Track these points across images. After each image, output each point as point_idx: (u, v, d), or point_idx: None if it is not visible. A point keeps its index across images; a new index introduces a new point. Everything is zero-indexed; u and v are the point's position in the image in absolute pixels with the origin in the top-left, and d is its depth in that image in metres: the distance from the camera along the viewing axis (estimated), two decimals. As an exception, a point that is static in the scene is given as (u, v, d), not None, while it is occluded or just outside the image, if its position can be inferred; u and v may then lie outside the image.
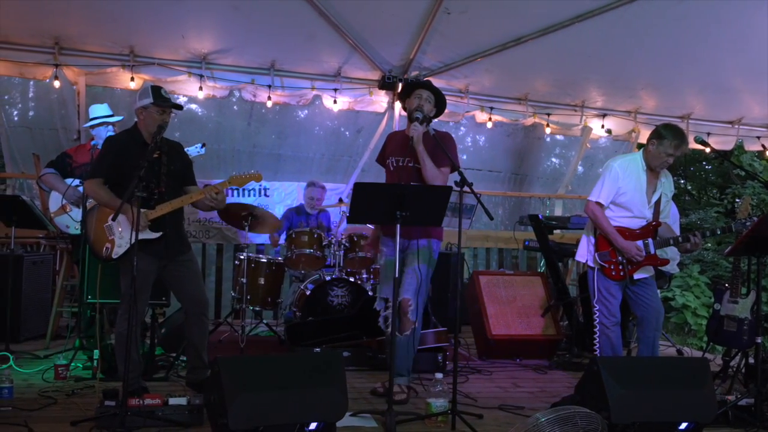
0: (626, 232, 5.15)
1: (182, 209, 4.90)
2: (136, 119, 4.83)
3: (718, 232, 5.34)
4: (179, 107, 4.92)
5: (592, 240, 5.26)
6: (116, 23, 6.99)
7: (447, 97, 8.67)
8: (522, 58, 7.74)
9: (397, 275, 4.49)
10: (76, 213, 5.94)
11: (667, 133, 5.06)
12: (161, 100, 4.70)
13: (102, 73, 7.55)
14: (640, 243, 5.13)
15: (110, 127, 6.23)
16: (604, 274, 5.18)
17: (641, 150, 5.29)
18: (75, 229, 6.00)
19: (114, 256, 4.65)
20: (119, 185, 4.61)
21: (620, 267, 5.14)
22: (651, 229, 5.19)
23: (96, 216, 4.73)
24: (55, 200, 6.12)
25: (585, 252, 5.33)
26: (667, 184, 5.28)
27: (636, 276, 5.17)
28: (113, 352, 5.21)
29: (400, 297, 5.02)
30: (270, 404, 3.60)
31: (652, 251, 5.14)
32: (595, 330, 5.26)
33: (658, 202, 5.22)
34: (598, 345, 5.25)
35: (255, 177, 4.90)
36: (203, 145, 6.14)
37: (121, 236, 4.64)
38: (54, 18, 6.89)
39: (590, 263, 5.27)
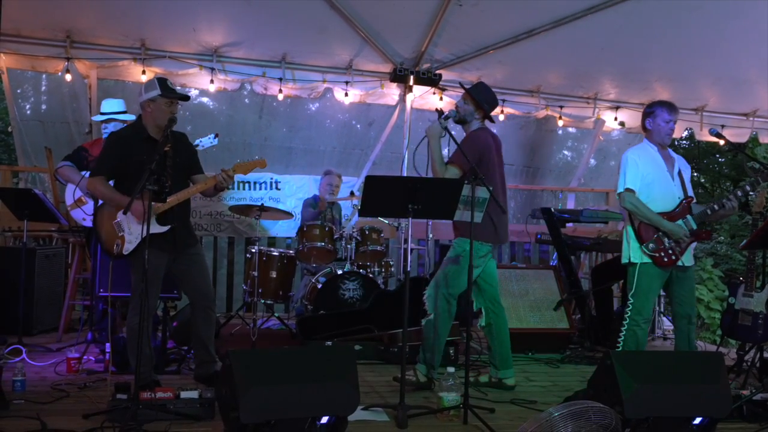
0: (665, 216, 5.12)
1: (189, 202, 4.89)
2: (141, 113, 4.80)
3: (748, 188, 5.32)
4: (186, 98, 4.87)
5: (632, 233, 5.21)
6: (127, 16, 7.00)
7: (459, 90, 8.65)
8: (534, 50, 7.70)
9: (404, 268, 4.58)
10: (91, 206, 5.95)
11: (654, 107, 5.27)
12: (168, 91, 4.65)
13: (113, 67, 7.56)
14: (681, 223, 5.11)
15: (118, 123, 6.20)
16: (655, 264, 5.12)
17: (644, 139, 5.37)
18: (89, 221, 6.02)
19: (124, 253, 4.65)
20: (124, 181, 4.63)
21: (670, 251, 5.10)
22: (686, 207, 5.17)
23: (105, 213, 4.73)
24: (69, 193, 6.17)
25: (629, 251, 5.22)
26: (677, 161, 5.31)
27: (685, 263, 5.15)
28: (125, 345, 5.24)
29: None
30: (281, 398, 3.59)
31: (694, 227, 5.13)
32: (624, 323, 5.22)
33: (681, 176, 5.23)
34: (622, 339, 5.22)
35: (259, 163, 4.88)
36: (216, 136, 6.13)
37: (130, 232, 4.64)
38: (65, 11, 6.91)
39: (632, 260, 5.19)
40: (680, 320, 5.28)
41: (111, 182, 4.73)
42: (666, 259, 5.10)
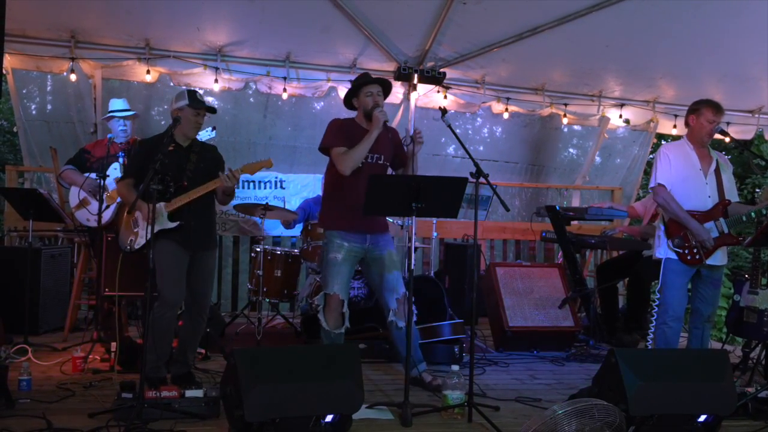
0: (696, 215, 5.13)
1: (212, 206, 4.99)
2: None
3: None
4: (213, 110, 5.03)
5: (662, 228, 5.23)
6: (132, 16, 7.01)
7: (463, 88, 8.70)
8: (539, 48, 7.68)
9: (408, 267, 4.56)
10: (95, 207, 5.97)
11: (701, 104, 5.23)
12: (196, 102, 4.82)
13: (118, 66, 7.57)
14: (711, 224, 5.11)
15: (121, 121, 6.24)
16: (680, 260, 5.14)
17: (684, 136, 5.40)
18: (94, 221, 6.04)
19: (136, 247, 4.85)
20: None
21: (695, 250, 5.11)
22: (721, 209, 5.16)
23: (124, 209, 4.96)
24: (74, 195, 6.21)
25: (659, 246, 5.26)
26: (719, 159, 5.30)
27: (710, 261, 5.14)
28: (131, 344, 5.28)
29: (397, 294, 5.08)
30: (286, 396, 3.60)
31: (725, 230, 5.12)
32: (653, 322, 5.23)
33: (718, 174, 5.21)
34: (651, 337, 5.23)
35: (266, 163, 4.96)
36: (213, 129, 6.14)
37: (143, 228, 4.79)
38: (70, 11, 6.93)
39: (658, 255, 5.24)
40: (698, 318, 5.31)
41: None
42: (690, 257, 5.12)
